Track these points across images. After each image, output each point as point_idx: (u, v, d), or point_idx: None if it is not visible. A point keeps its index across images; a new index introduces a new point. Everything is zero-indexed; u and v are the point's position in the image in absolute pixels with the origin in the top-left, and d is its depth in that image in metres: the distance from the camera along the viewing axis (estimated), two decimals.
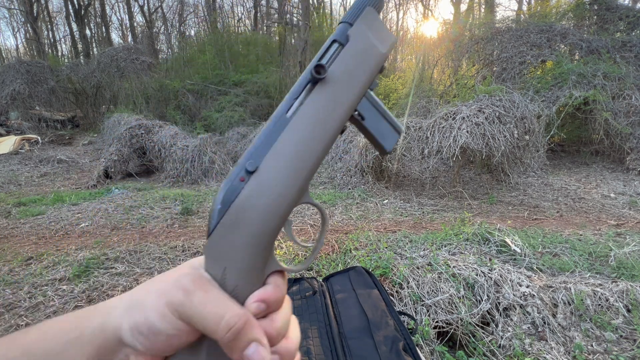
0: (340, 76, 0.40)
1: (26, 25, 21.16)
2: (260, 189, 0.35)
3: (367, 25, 0.43)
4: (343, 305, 1.15)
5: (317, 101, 0.39)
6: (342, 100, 0.40)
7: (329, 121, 0.39)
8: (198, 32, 21.69)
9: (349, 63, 0.40)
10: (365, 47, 0.42)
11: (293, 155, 0.37)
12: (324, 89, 0.39)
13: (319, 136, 0.39)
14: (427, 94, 7.83)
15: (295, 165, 0.37)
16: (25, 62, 10.43)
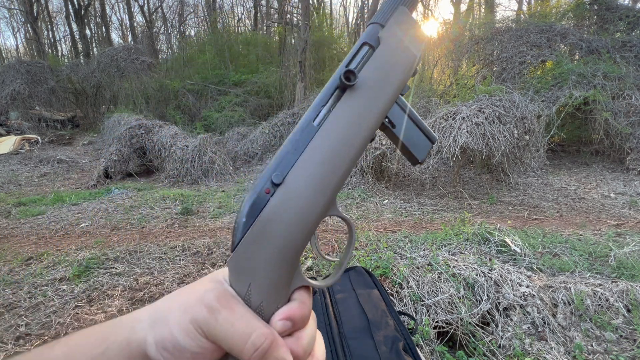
0: (370, 82, 0.37)
1: (26, 25, 21.17)
2: (287, 202, 0.33)
3: (400, 27, 0.40)
4: (343, 305, 1.15)
5: (347, 109, 0.36)
6: (372, 107, 0.37)
7: (359, 130, 0.37)
8: (198, 32, 21.70)
9: (380, 68, 0.38)
10: (398, 50, 0.39)
11: (321, 166, 0.35)
12: (354, 96, 0.36)
13: (348, 146, 0.36)
14: (427, 94, 7.82)
15: (323, 177, 0.35)
16: (25, 62, 10.44)
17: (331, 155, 0.35)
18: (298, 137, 0.35)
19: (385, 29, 0.39)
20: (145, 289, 2.25)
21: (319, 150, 0.35)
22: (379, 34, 0.39)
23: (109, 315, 1.97)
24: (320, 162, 0.35)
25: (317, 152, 0.35)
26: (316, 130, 0.36)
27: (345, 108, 0.36)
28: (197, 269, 2.54)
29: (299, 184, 0.34)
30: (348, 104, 0.36)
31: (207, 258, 2.72)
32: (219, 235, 3.25)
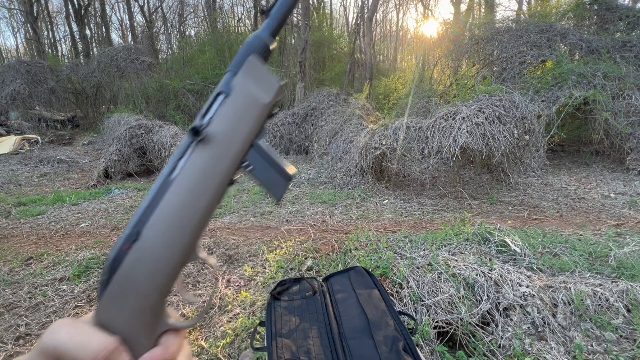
0: (222, 131, 0.39)
1: (26, 25, 21.16)
2: (142, 257, 0.36)
3: (250, 75, 0.42)
4: (343, 305, 1.15)
5: (198, 160, 0.38)
6: (225, 156, 0.39)
7: (212, 178, 0.39)
8: (198, 32, 21.70)
9: (232, 117, 0.40)
10: (248, 98, 0.41)
11: (175, 218, 0.37)
12: (206, 147, 0.38)
13: (201, 196, 0.38)
14: (427, 94, 7.83)
15: (178, 228, 0.37)
16: (25, 62, 10.43)
17: (184, 206, 0.38)
18: (155, 192, 0.38)
19: (237, 77, 0.41)
20: None
21: (172, 203, 0.37)
22: (232, 83, 0.41)
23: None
24: (173, 215, 0.37)
25: (170, 205, 0.37)
26: (170, 184, 0.38)
27: (196, 160, 0.38)
28: (197, 268, 2.54)
29: (153, 239, 0.36)
30: (200, 155, 0.38)
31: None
32: (219, 235, 3.25)
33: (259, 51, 0.43)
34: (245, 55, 0.42)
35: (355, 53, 11.10)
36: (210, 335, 1.81)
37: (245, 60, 0.42)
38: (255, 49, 0.43)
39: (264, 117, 0.42)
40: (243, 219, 3.71)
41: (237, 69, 0.42)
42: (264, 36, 0.44)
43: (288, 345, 0.97)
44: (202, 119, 0.39)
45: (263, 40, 0.44)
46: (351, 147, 5.46)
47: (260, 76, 0.42)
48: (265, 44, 0.44)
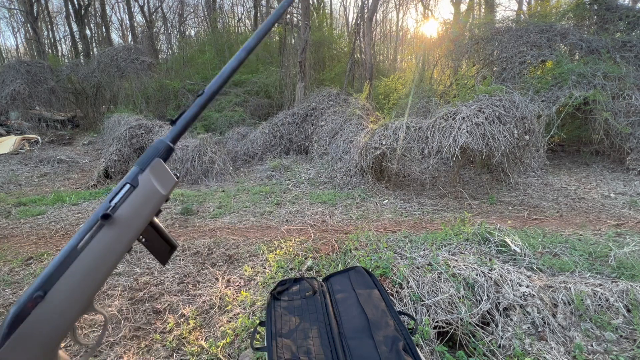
0: (126, 216, 0.49)
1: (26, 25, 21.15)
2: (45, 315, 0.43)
3: (154, 173, 0.54)
4: (343, 305, 1.15)
5: (105, 237, 0.48)
6: (126, 235, 0.50)
7: (114, 252, 0.49)
8: (198, 32, 21.69)
9: (135, 205, 0.50)
10: (150, 191, 0.52)
11: (79, 283, 0.46)
12: (112, 227, 0.48)
13: (104, 265, 0.48)
14: (427, 94, 7.82)
15: (81, 291, 0.46)
16: (25, 62, 10.42)
17: (87, 275, 0.46)
18: (63, 259, 0.46)
19: (144, 174, 0.53)
20: (145, 289, 2.25)
21: (78, 271, 0.46)
22: (139, 177, 0.52)
23: (108, 315, 1.97)
24: (78, 281, 0.46)
25: (76, 272, 0.46)
26: (78, 254, 0.47)
27: (103, 236, 0.48)
28: (197, 269, 2.54)
29: (57, 300, 0.44)
30: (106, 234, 0.48)
31: (207, 258, 2.72)
32: (219, 235, 3.25)
33: (162, 154, 0.56)
34: (151, 157, 0.54)
35: (355, 53, 11.09)
36: (210, 335, 1.81)
37: (152, 161, 0.54)
38: (159, 153, 0.55)
39: (160, 204, 0.54)
40: (243, 219, 3.71)
41: (144, 167, 0.53)
42: (167, 141, 0.57)
43: (288, 345, 0.97)
44: (109, 203, 0.50)
45: (167, 144, 0.57)
46: (351, 147, 5.46)
47: (162, 174, 0.55)
48: (168, 147, 0.57)
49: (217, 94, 0.66)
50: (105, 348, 1.72)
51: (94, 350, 0.53)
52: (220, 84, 0.65)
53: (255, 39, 0.69)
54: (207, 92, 0.64)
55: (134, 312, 2.01)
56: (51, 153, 6.98)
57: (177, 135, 0.59)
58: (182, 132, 0.60)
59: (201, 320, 1.94)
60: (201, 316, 1.98)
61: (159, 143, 0.57)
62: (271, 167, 5.92)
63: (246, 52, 0.69)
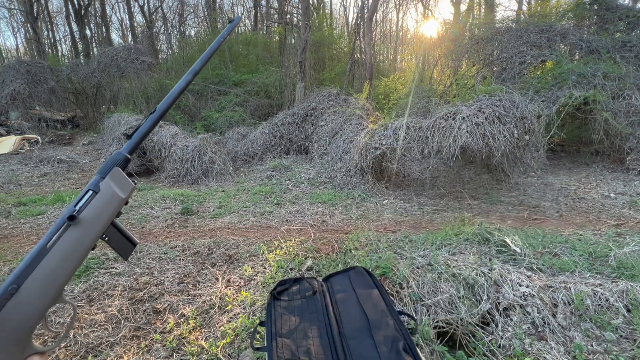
0: (89, 218, 0.57)
1: (26, 25, 21.14)
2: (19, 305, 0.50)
3: (114, 180, 0.62)
4: (343, 305, 1.15)
5: (71, 236, 0.55)
6: (89, 234, 0.57)
7: (79, 249, 0.56)
8: (198, 32, 21.69)
9: (97, 208, 0.58)
10: (111, 195, 0.60)
11: (49, 277, 0.53)
12: (77, 228, 0.56)
13: (71, 261, 0.55)
14: (427, 94, 7.82)
15: (50, 284, 0.53)
16: (25, 62, 10.41)
17: (56, 270, 0.54)
18: (34, 257, 0.53)
19: (104, 181, 0.61)
20: (145, 289, 2.25)
21: (48, 266, 0.53)
22: (100, 184, 0.60)
23: (108, 315, 1.97)
24: (48, 275, 0.53)
25: (46, 268, 0.53)
26: (48, 252, 0.54)
27: (70, 236, 0.55)
28: (197, 269, 2.55)
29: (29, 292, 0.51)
30: (72, 233, 0.55)
31: (207, 258, 2.72)
32: (219, 235, 3.25)
33: (120, 163, 0.64)
34: (110, 166, 0.63)
35: (355, 53, 11.09)
36: (210, 335, 1.81)
37: (111, 169, 0.62)
38: (117, 162, 0.64)
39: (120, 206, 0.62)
40: (243, 219, 3.71)
41: (105, 175, 0.62)
42: (125, 153, 0.66)
43: (288, 345, 0.97)
44: (74, 206, 0.57)
45: (124, 155, 0.66)
46: (351, 147, 5.46)
47: (120, 180, 0.63)
48: (125, 158, 0.66)
49: (167, 111, 0.76)
50: (105, 348, 1.72)
51: (63, 337, 0.61)
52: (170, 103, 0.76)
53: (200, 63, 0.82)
54: (159, 110, 0.74)
55: (134, 312, 2.01)
56: (51, 153, 6.98)
57: (133, 147, 0.69)
58: (138, 145, 0.69)
59: (201, 320, 1.94)
60: (201, 316, 1.98)
61: (117, 154, 0.66)
62: (271, 167, 5.92)
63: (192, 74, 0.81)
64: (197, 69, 0.82)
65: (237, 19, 0.91)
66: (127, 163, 0.67)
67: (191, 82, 0.81)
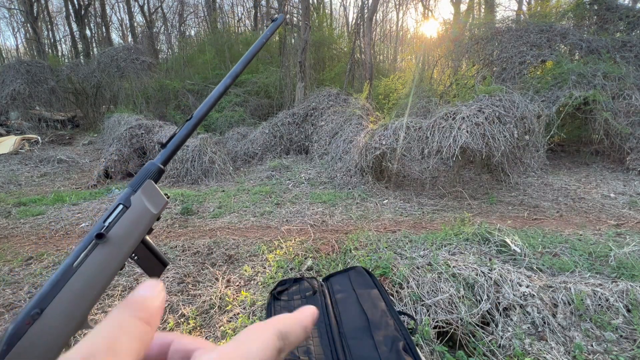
0: (120, 235, 0.52)
1: (26, 25, 21.15)
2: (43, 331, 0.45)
3: (145, 194, 0.57)
4: (343, 305, 1.15)
5: (99, 256, 0.50)
6: (119, 254, 0.52)
7: (108, 270, 0.51)
8: (198, 32, 21.69)
9: (128, 225, 0.53)
10: (142, 211, 0.55)
11: (75, 300, 0.47)
12: (106, 246, 0.51)
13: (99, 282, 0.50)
14: (427, 94, 7.82)
15: (76, 309, 0.48)
16: (25, 62, 10.42)
17: (83, 292, 0.48)
18: (59, 278, 0.48)
19: (136, 195, 0.56)
20: None
21: (74, 288, 0.48)
22: (131, 198, 0.55)
23: None
24: (74, 298, 0.48)
25: (72, 290, 0.48)
26: (74, 272, 0.48)
27: (98, 255, 0.50)
28: (197, 269, 2.54)
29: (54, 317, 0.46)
30: (100, 252, 0.50)
31: (207, 258, 2.72)
32: (219, 235, 3.25)
33: (154, 175, 0.59)
34: (143, 178, 0.58)
35: (355, 53, 11.10)
36: (210, 335, 1.81)
37: (143, 182, 0.57)
38: (150, 175, 0.59)
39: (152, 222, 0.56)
40: (243, 219, 3.71)
41: (136, 188, 0.56)
42: (158, 164, 0.61)
43: None
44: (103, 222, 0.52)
45: (158, 166, 0.61)
46: (351, 147, 5.46)
47: (153, 194, 0.58)
48: (159, 169, 0.60)
49: (204, 118, 0.70)
50: None
51: None
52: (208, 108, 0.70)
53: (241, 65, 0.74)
54: (196, 116, 0.68)
55: None
56: (51, 153, 6.98)
57: (167, 157, 0.63)
58: (173, 154, 0.64)
59: (201, 320, 1.94)
60: (201, 316, 1.98)
61: (150, 165, 0.61)
62: (271, 167, 5.92)
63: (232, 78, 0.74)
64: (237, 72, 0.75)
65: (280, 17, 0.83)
66: (161, 175, 0.62)
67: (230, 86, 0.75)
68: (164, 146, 0.63)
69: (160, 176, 0.62)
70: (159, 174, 0.61)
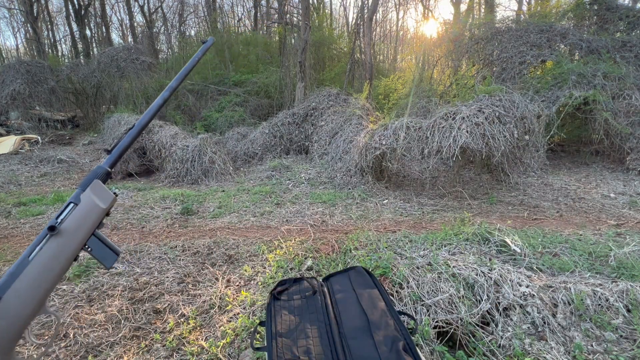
0: (71, 228, 0.59)
1: (26, 25, 21.14)
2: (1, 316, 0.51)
3: (94, 192, 0.65)
4: (343, 305, 1.15)
5: (52, 247, 0.56)
6: (71, 244, 0.59)
7: (60, 260, 0.57)
8: (198, 32, 21.68)
9: (78, 219, 0.60)
10: (91, 206, 0.63)
11: (30, 288, 0.54)
12: (58, 238, 0.57)
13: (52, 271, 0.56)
14: (427, 94, 7.82)
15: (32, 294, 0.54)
16: (25, 62, 10.41)
17: (37, 280, 0.55)
18: (15, 269, 0.54)
19: (85, 193, 0.64)
20: (145, 288, 2.25)
21: (28, 277, 0.54)
22: (80, 196, 0.63)
23: (108, 315, 1.97)
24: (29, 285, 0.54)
25: (27, 278, 0.54)
26: (29, 263, 0.55)
27: (50, 246, 0.57)
28: (197, 269, 2.54)
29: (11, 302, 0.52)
30: (53, 244, 0.57)
31: (207, 258, 2.72)
32: (219, 235, 3.25)
33: (101, 176, 0.68)
34: (91, 179, 0.66)
35: (355, 53, 11.09)
36: (210, 335, 1.81)
37: (91, 182, 0.65)
38: (98, 175, 0.67)
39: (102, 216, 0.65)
40: (243, 219, 3.71)
41: (85, 187, 0.65)
42: (105, 167, 0.70)
43: (288, 345, 0.97)
44: (56, 219, 0.59)
45: (105, 169, 0.69)
46: (351, 147, 5.46)
47: (101, 192, 0.66)
48: (106, 171, 0.69)
49: (145, 127, 0.79)
50: (105, 348, 1.72)
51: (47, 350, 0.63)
52: (149, 119, 0.79)
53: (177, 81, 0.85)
54: (137, 126, 0.77)
55: (134, 312, 2.01)
56: (51, 153, 6.98)
57: (113, 161, 0.73)
58: (118, 159, 0.73)
59: (201, 320, 1.94)
60: (201, 316, 1.98)
61: (97, 168, 0.69)
62: (271, 167, 5.92)
63: (170, 91, 0.84)
64: (174, 86, 0.85)
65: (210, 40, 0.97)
66: (108, 176, 0.70)
67: (168, 99, 0.85)
68: (110, 152, 0.72)
69: (107, 177, 0.70)
70: (107, 176, 0.70)
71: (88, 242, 0.63)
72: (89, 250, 0.64)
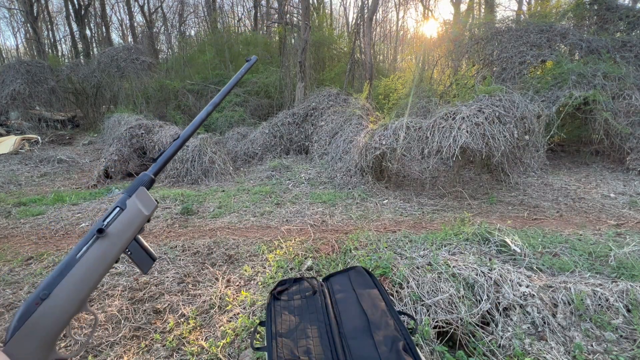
0: (116, 232, 0.63)
1: (26, 25, 21.13)
2: (48, 311, 0.54)
3: (139, 198, 0.68)
4: (343, 305, 1.15)
5: (98, 248, 0.60)
6: (116, 247, 0.63)
7: (105, 261, 0.61)
8: (198, 32, 21.68)
9: (123, 224, 0.64)
10: (136, 212, 0.66)
11: (76, 286, 0.57)
12: (104, 241, 0.61)
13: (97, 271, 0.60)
14: (427, 94, 7.82)
15: (78, 292, 0.57)
16: (25, 62, 10.41)
17: (83, 279, 0.58)
18: (64, 267, 0.58)
19: (130, 199, 0.67)
20: (145, 288, 2.25)
21: (76, 276, 0.57)
22: (127, 202, 0.66)
23: (108, 315, 1.97)
24: (76, 284, 0.57)
25: (74, 277, 0.57)
26: (77, 262, 0.59)
27: (97, 248, 0.60)
28: (197, 268, 2.54)
29: (58, 299, 0.55)
30: (99, 245, 0.61)
31: (207, 258, 2.72)
32: (219, 235, 3.25)
33: (146, 184, 0.71)
34: (137, 186, 0.69)
35: (355, 53, 11.09)
36: (210, 335, 1.81)
37: (137, 189, 0.69)
38: (143, 183, 0.71)
39: (144, 222, 0.68)
40: (243, 219, 3.71)
41: (131, 194, 0.68)
42: (150, 174, 0.73)
43: (288, 345, 0.97)
44: (103, 222, 0.63)
45: (149, 176, 0.73)
46: (351, 147, 5.46)
47: (145, 199, 0.69)
48: (150, 179, 0.73)
49: (189, 139, 0.84)
50: (105, 348, 1.72)
51: (85, 345, 0.65)
52: (192, 131, 0.84)
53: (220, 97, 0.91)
54: (182, 137, 0.82)
55: (134, 312, 2.01)
56: (51, 153, 6.98)
57: (158, 169, 0.76)
58: (162, 167, 0.77)
59: (201, 320, 1.94)
60: (201, 316, 1.98)
61: (143, 175, 0.73)
62: (271, 167, 5.92)
63: (213, 106, 0.90)
64: (217, 102, 0.91)
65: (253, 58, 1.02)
66: (152, 183, 0.74)
67: (211, 112, 0.91)
68: (155, 161, 0.76)
69: (151, 184, 0.74)
70: (151, 183, 0.73)
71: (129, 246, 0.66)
72: (129, 254, 0.67)
